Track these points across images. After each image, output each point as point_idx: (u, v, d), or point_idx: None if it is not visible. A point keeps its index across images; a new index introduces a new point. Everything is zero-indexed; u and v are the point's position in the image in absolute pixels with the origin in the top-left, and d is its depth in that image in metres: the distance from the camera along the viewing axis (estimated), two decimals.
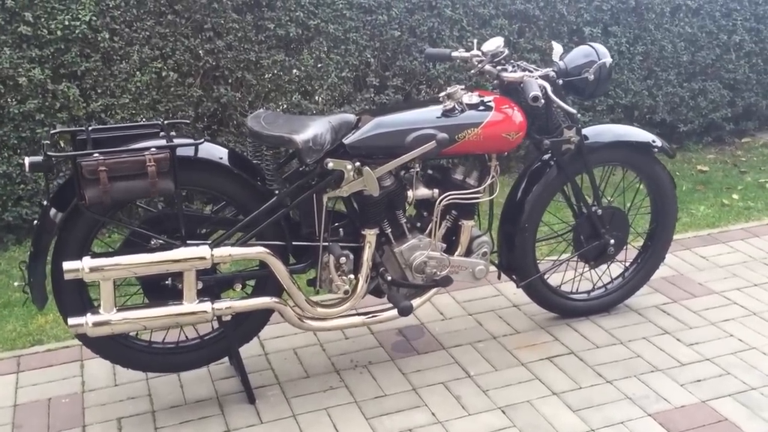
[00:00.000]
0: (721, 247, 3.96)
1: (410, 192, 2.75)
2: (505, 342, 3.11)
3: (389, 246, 2.80)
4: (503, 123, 2.72)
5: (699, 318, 3.26)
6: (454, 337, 3.14)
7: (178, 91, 4.08)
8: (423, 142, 2.60)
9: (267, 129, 2.51)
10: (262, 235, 2.60)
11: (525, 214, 2.99)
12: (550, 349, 3.05)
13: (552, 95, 2.65)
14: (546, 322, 3.25)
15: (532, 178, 3.02)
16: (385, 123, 2.65)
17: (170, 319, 2.46)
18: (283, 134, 2.46)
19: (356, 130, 2.63)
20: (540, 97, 2.54)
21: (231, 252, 2.49)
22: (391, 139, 2.63)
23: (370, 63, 4.53)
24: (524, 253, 3.05)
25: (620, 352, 3.01)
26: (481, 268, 2.89)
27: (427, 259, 2.78)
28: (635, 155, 3.10)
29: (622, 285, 3.31)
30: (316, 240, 2.68)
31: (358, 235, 2.74)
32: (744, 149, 5.64)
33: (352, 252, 2.74)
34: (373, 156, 2.63)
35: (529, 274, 3.07)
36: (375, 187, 2.61)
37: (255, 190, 2.58)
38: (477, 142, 2.69)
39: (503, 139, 2.72)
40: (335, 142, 2.58)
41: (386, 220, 2.74)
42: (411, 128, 2.63)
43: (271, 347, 3.06)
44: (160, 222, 2.54)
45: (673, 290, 3.49)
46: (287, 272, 2.60)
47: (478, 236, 2.91)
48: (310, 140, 2.47)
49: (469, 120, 2.68)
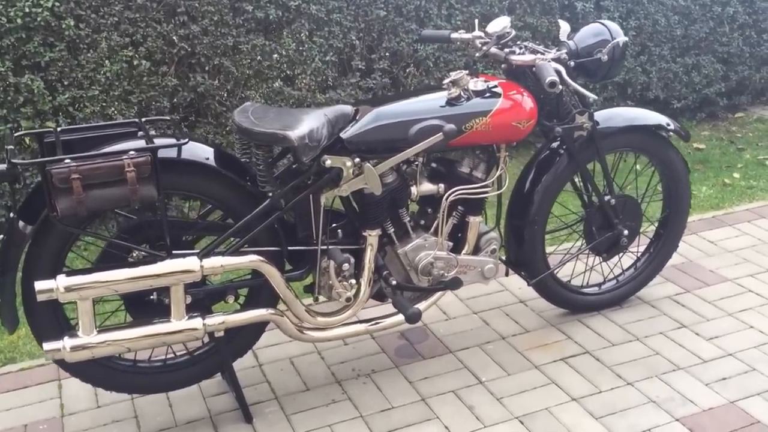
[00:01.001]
0: (728, 231, 3.80)
1: (414, 188, 2.53)
2: (515, 342, 2.92)
3: (392, 247, 2.58)
4: (513, 110, 2.50)
5: (715, 309, 3.10)
6: (460, 338, 2.95)
7: (152, 80, 3.80)
8: (428, 134, 2.37)
9: (257, 125, 2.27)
10: (255, 241, 2.38)
11: (534, 206, 2.79)
12: (563, 348, 2.87)
13: (568, 79, 2.44)
14: (556, 318, 3.07)
15: (541, 167, 2.82)
16: (385, 114, 2.42)
17: (157, 339, 2.22)
18: (276, 130, 2.22)
19: (354, 122, 2.40)
20: (557, 82, 2.33)
21: (222, 262, 2.26)
22: (393, 132, 2.40)
23: (355, 45, 4.28)
24: (534, 248, 2.85)
25: (638, 350, 2.84)
26: (491, 266, 2.69)
27: (433, 259, 2.57)
28: (649, 139, 2.91)
29: (634, 276, 3.14)
30: (313, 243, 2.46)
31: (359, 236, 2.52)
32: (738, 124, 5.50)
33: (353, 254, 2.52)
34: (373, 151, 2.41)
35: (539, 269, 2.88)
36: (377, 184, 2.39)
37: (245, 193, 2.34)
38: (485, 132, 2.47)
39: (513, 128, 2.51)
40: (332, 137, 2.35)
41: (389, 220, 2.52)
42: (414, 119, 2.41)
43: (265, 357, 2.84)
44: (141, 230, 2.30)
45: (684, 279, 3.33)
46: (283, 280, 2.38)
47: (485, 232, 2.70)
48: (306, 136, 2.23)
49: (477, 108, 2.46)
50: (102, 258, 2.31)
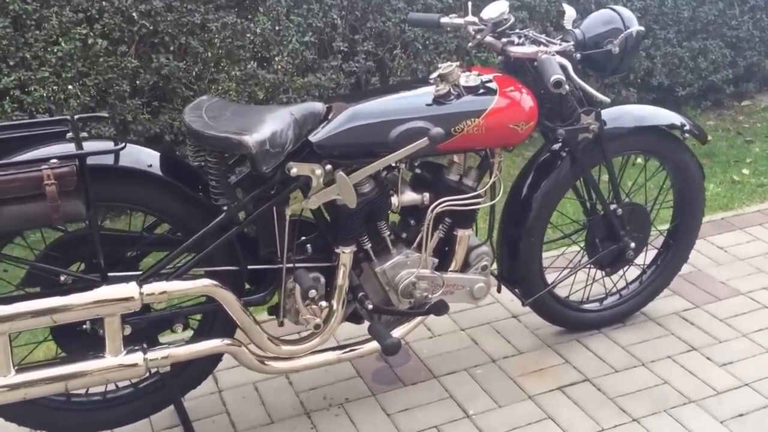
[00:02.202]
0: (739, 235, 3.49)
1: (394, 198, 2.20)
2: (507, 367, 2.61)
3: (369, 264, 2.25)
4: (510, 110, 2.17)
5: (727, 328, 2.80)
6: (446, 361, 2.64)
7: (110, 61, 3.43)
8: (412, 138, 2.04)
9: (210, 127, 1.92)
10: (210, 260, 2.05)
11: (532, 214, 2.46)
12: (560, 375, 2.56)
13: (574, 76, 2.10)
14: (551, 337, 2.76)
15: (540, 171, 2.49)
16: (362, 113, 2.07)
17: (89, 378, 1.89)
18: (231, 135, 1.88)
19: (326, 123, 2.06)
20: (563, 82, 1.99)
21: (167, 288, 1.92)
22: (370, 135, 2.06)
23: (337, 25, 3.91)
24: (530, 262, 2.53)
25: (643, 378, 2.53)
26: (481, 285, 2.37)
27: (416, 279, 2.24)
28: (662, 141, 2.58)
29: (640, 291, 2.83)
30: (277, 261, 2.13)
31: (331, 252, 2.19)
32: (745, 114, 5.18)
33: (324, 273, 2.20)
34: (347, 156, 2.07)
35: (535, 286, 2.56)
36: (351, 196, 2.05)
37: (197, 205, 2.01)
38: (478, 135, 2.14)
39: (510, 131, 2.17)
40: (299, 140, 2.01)
41: (365, 234, 2.19)
42: (396, 120, 2.07)
43: (226, 381, 2.52)
44: (71, 247, 1.96)
45: (693, 292, 3.02)
46: (242, 307, 2.05)
47: (476, 246, 2.38)
48: (267, 141, 1.89)
49: (469, 108, 2.12)
50: (27, 280, 1.97)
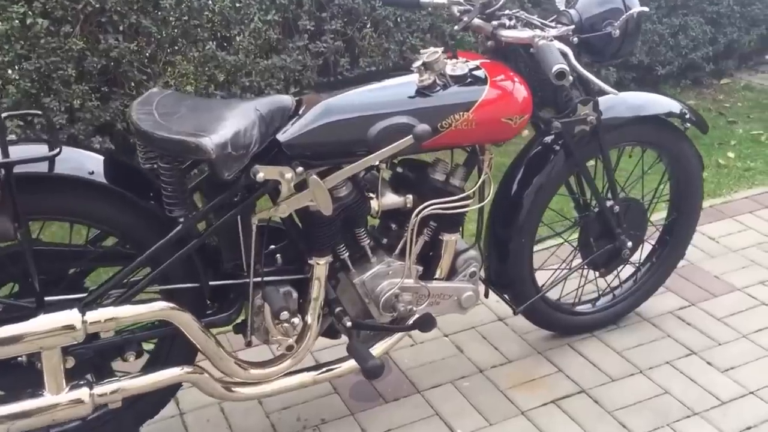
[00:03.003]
0: (730, 224, 3.33)
1: (374, 201, 1.96)
2: (496, 377, 2.41)
3: (346, 274, 2.02)
4: (502, 103, 1.93)
5: (726, 329, 2.63)
6: (429, 373, 2.42)
7: (52, 43, 3.11)
8: (394, 135, 1.79)
9: (161, 127, 1.66)
10: (165, 277, 1.79)
11: (523, 213, 2.25)
12: (554, 386, 2.37)
13: (577, 64, 1.87)
14: (542, 342, 2.57)
15: (531, 165, 2.27)
16: (337, 108, 1.82)
17: (29, 420, 1.63)
18: (186, 137, 1.61)
19: (295, 119, 1.81)
20: (567, 72, 1.76)
21: (115, 314, 1.67)
22: (347, 133, 1.82)
23: (303, 2, 3.62)
24: (520, 264, 2.32)
25: (642, 387, 2.35)
26: (470, 294, 2.15)
27: (399, 291, 2.02)
28: (661, 131, 2.38)
29: (634, 290, 2.64)
30: (243, 276, 1.88)
31: (303, 262, 1.95)
32: (725, 92, 5.03)
33: (296, 286, 1.96)
34: (321, 157, 1.82)
35: (526, 291, 2.36)
36: (327, 202, 1.81)
37: (149, 216, 1.75)
38: (467, 131, 1.90)
39: (502, 126, 1.94)
40: (266, 139, 1.76)
41: (342, 243, 1.95)
42: (376, 115, 1.82)
43: (188, 402, 2.27)
44: (1, 267, 1.69)
45: (687, 288, 2.85)
46: (203, 329, 1.80)
47: (463, 251, 2.16)
48: (228, 143, 1.64)
49: (457, 100, 1.89)
50: None
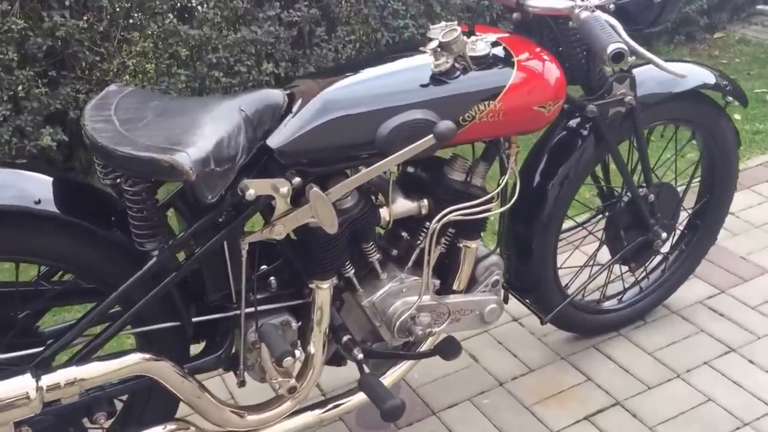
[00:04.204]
0: (748, 196, 3.08)
1: (384, 210, 1.65)
2: (519, 391, 2.14)
3: (352, 294, 1.72)
4: (533, 87, 1.62)
5: (763, 319, 2.39)
6: (443, 389, 2.15)
7: None
8: (410, 135, 1.48)
9: (124, 139, 1.32)
10: (140, 318, 1.47)
11: (547, 208, 1.97)
12: (585, 399, 2.11)
13: (630, 40, 1.55)
14: (564, 345, 2.31)
15: (555, 154, 1.98)
16: (338, 102, 1.50)
17: None
18: (157, 154, 1.28)
19: (289, 118, 1.48)
20: (626, 53, 1.45)
21: (78, 375, 1.34)
22: (352, 133, 1.50)
23: None
24: (544, 264, 2.05)
25: (683, 395, 2.10)
26: (494, 307, 1.86)
27: (416, 311, 1.72)
28: (699, 107, 2.09)
29: (662, 281, 2.39)
30: (232, 307, 1.57)
31: (303, 284, 1.64)
32: (720, 47, 4.75)
33: (295, 313, 1.66)
34: (322, 164, 1.51)
35: (550, 294, 2.09)
36: (330, 218, 1.49)
37: (114, 248, 1.42)
38: (493, 123, 1.59)
39: (533, 115, 1.63)
40: (254, 146, 1.44)
41: (348, 261, 1.65)
42: (385, 110, 1.50)
43: None
44: None
45: (713, 272, 2.60)
46: (187, 379, 1.49)
47: (484, 257, 1.86)
48: (211, 158, 1.31)
49: (481, 87, 1.57)
50: None
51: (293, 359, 1.51)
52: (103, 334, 1.43)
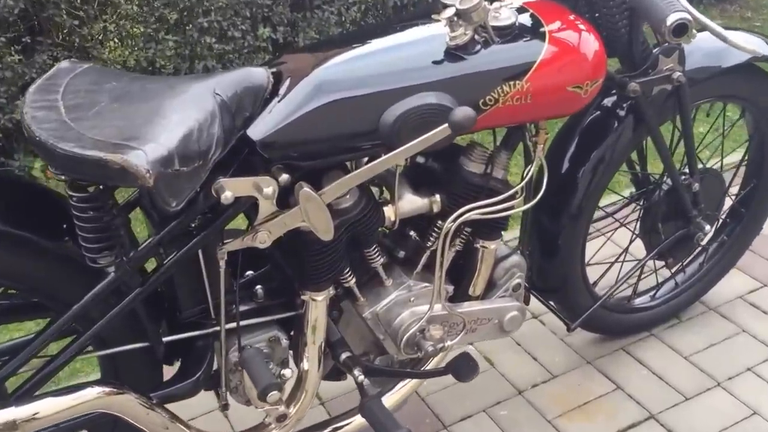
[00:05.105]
0: None
1: (389, 208, 1.40)
2: (540, 401, 1.92)
3: (352, 303, 1.49)
4: (567, 64, 1.36)
5: None
6: (455, 399, 1.93)
7: None
8: (420, 123, 1.23)
9: (68, 134, 1.07)
10: (100, 340, 1.25)
11: (576, 199, 1.72)
12: (615, 410, 1.88)
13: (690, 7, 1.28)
14: (589, 347, 2.08)
15: (587, 137, 1.72)
16: (333, 83, 1.24)
17: None
18: (105, 153, 1.03)
19: (274, 102, 1.23)
20: (691, 25, 1.19)
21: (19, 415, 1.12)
22: (350, 121, 1.24)
23: None
24: (571, 262, 1.81)
25: (726, 407, 1.87)
26: (515, 315, 1.62)
27: (426, 323, 1.48)
28: (751, 81, 1.82)
29: (700, 276, 2.14)
30: (210, 324, 1.34)
31: (294, 294, 1.41)
32: (752, 8, 4.44)
33: (285, 327, 1.43)
34: (314, 158, 1.26)
35: (578, 294, 1.85)
36: (325, 223, 1.25)
37: (65, 262, 1.18)
38: (520, 107, 1.33)
39: (568, 96, 1.37)
40: (232, 138, 1.19)
41: (347, 268, 1.41)
42: (390, 92, 1.25)
43: None
44: None
45: (753, 262, 2.35)
46: (156, 412, 1.27)
47: (504, 257, 1.62)
48: (175, 156, 1.07)
49: (506, 63, 1.31)
50: None
51: (279, 394, 1.28)
52: (57, 360, 1.20)
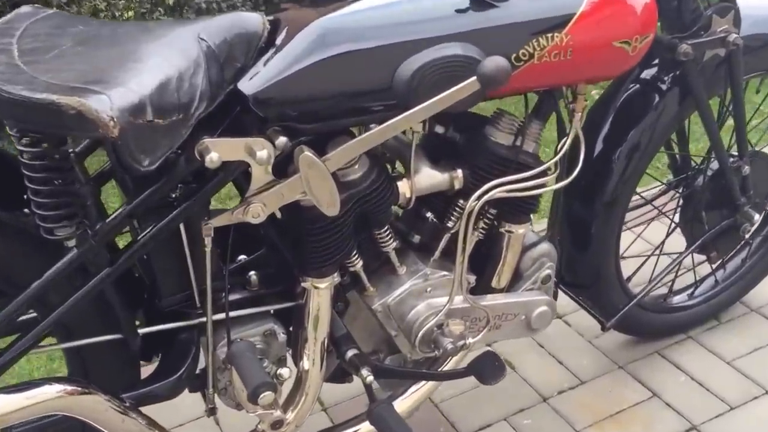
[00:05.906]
0: None
1: (404, 182, 1.21)
2: (567, 408, 1.72)
3: (360, 294, 1.30)
4: (613, 15, 1.17)
5: None
6: (473, 406, 1.74)
7: None
8: (442, 79, 1.04)
9: (19, 77, 0.89)
10: (65, 328, 1.06)
11: (611, 183, 1.53)
12: (651, 421, 1.69)
13: None
14: (621, 350, 1.88)
15: (625, 113, 1.53)
16: (339, 32, 1.05)
17: None
18: (56, 96, 0.84)
19: (271, 53, 1.04)
20: None
21: None
22: (359, 76, 1.06)
23: None
24: (605, 254, 1.62)
25: None
26: (544, 310, 1.43)
27: (444, 317, 1.29)
28: None
29: (743, 272, 1.95)
30: (195, 314, 1.15)
31: (293, 282, 1.22)
32: None
33: (282, 319, 1.24)
34: (317, 119, 1.07)
35: (611, 290, 1.66)
36: (329, 195, 1.06)
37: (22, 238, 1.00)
38: (558, 64, 1.15)
39: (613, 53, 1.18)
40: (221, 91, 1.00)
41: (354, 252, 1.22)
42: (408, 43, 1.06)
43: None
44: None
45: None
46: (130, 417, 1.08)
47: (532, 245, 1.43)
48: (146, 105, 0.88)
49: (542, 13, 1.12)
50: None
51: (273, 395, 1.09)
52: (7, 353, 1.01)
